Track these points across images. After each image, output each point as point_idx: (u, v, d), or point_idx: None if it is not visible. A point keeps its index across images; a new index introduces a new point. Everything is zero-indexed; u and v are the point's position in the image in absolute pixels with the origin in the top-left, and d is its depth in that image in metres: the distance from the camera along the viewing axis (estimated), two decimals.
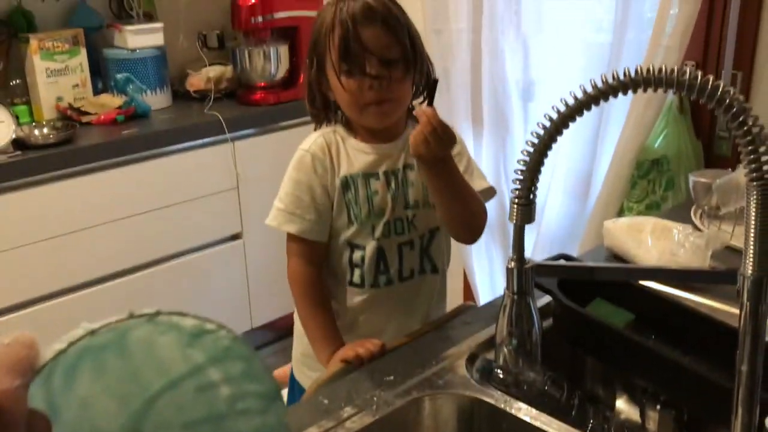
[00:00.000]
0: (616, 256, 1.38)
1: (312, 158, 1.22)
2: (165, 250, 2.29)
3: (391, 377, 1.03)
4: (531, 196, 0.75)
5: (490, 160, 2.24)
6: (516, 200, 0.75)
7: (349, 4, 1.15)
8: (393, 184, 1.23)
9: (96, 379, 0.42)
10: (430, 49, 1.60)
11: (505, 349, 0.81)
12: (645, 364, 1.01)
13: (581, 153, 2.01)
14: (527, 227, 0.77)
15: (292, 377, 1.38)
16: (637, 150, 1.85)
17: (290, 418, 0.95)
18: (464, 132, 2.22)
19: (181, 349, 0.44)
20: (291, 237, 1.24)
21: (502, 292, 0.80)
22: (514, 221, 0.76)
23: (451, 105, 2.24)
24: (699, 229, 1.42)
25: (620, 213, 1.94)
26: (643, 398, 1.08)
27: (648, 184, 1.91)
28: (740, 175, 1.40)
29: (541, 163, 0.73)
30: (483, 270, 2.39)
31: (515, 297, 0.75)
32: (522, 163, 0.75)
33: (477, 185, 1.25)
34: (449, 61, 2.20)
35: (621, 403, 1.20)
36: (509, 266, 0.78)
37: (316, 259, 1.25)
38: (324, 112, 1.26)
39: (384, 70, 1.15)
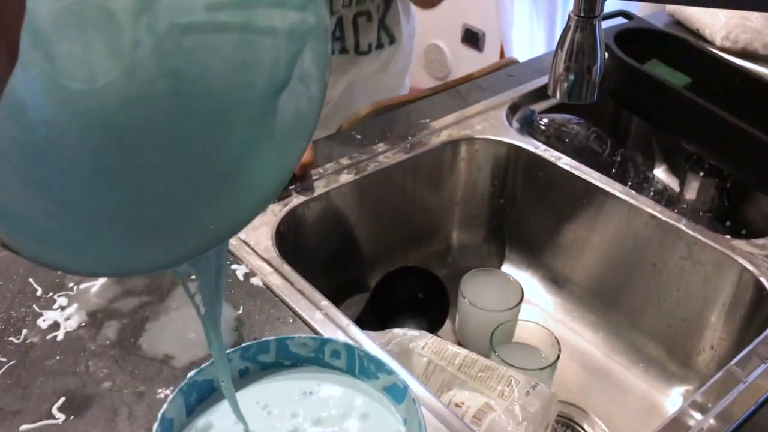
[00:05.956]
0: (679, 23, 1.27)
1: None
2: None
3: (428, 120, 0.98)
4: None
5: None
6: None
7: None
8: None
9: None
10: None
11: (559, 86, 0.75)
12: (701, 126, 0.95)
13: None
14: None
15: None
16: None
17: (322, 148, 0.92)
18: None
19: None
20: None
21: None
22: None
23: None
24: None
25: None
26: (687, 165, 1.04)
27: None
28: None
29: None
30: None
31: (581, 19, 0.67)
32: None
33: None
34: None
35: (660, 172, 1.16)
36: None
37: None
38: None
39: None
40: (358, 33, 1.22)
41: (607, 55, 1.01)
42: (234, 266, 0.72)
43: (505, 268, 1.00)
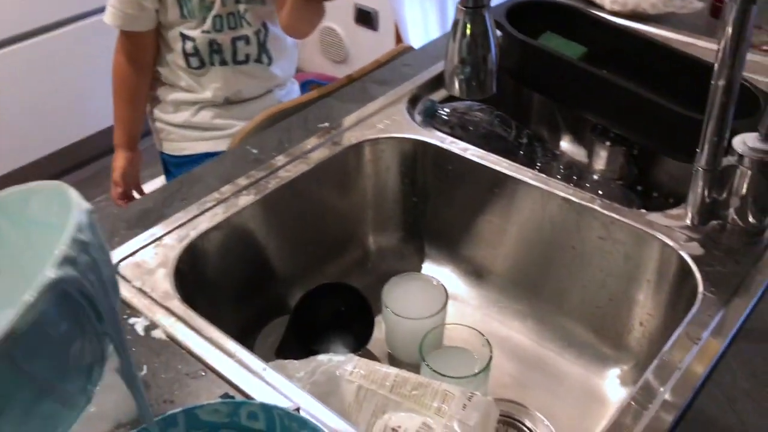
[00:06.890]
0: None
1: None
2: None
3: (326, 124, 0.93)
4: None
5: None
6: None
7: None
8: None
9: None
10: None
11: (456, 81, 0.71)
12: (599, 96, 0.93)
13: None
14: None
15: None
16: None
17: (215, 169, 0.86)
18: None
19: None
20: (120, 31, 1.24)
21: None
22: None
23: None
24: None
25: None
26: (593, 135, 1.02)
27: None
28: None
29: None
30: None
31: (470, 10, 0.63)
32: None
33: None
34: None
35: (566, 144, 1.15)
36: None
37: (136, 55, 1.26)
38: None
39: None
40: (237, 52, 1.24)
41: (500, 33, 0.98)
42: (131, 320, 0.65)
43: (427, 266, 0.97)
